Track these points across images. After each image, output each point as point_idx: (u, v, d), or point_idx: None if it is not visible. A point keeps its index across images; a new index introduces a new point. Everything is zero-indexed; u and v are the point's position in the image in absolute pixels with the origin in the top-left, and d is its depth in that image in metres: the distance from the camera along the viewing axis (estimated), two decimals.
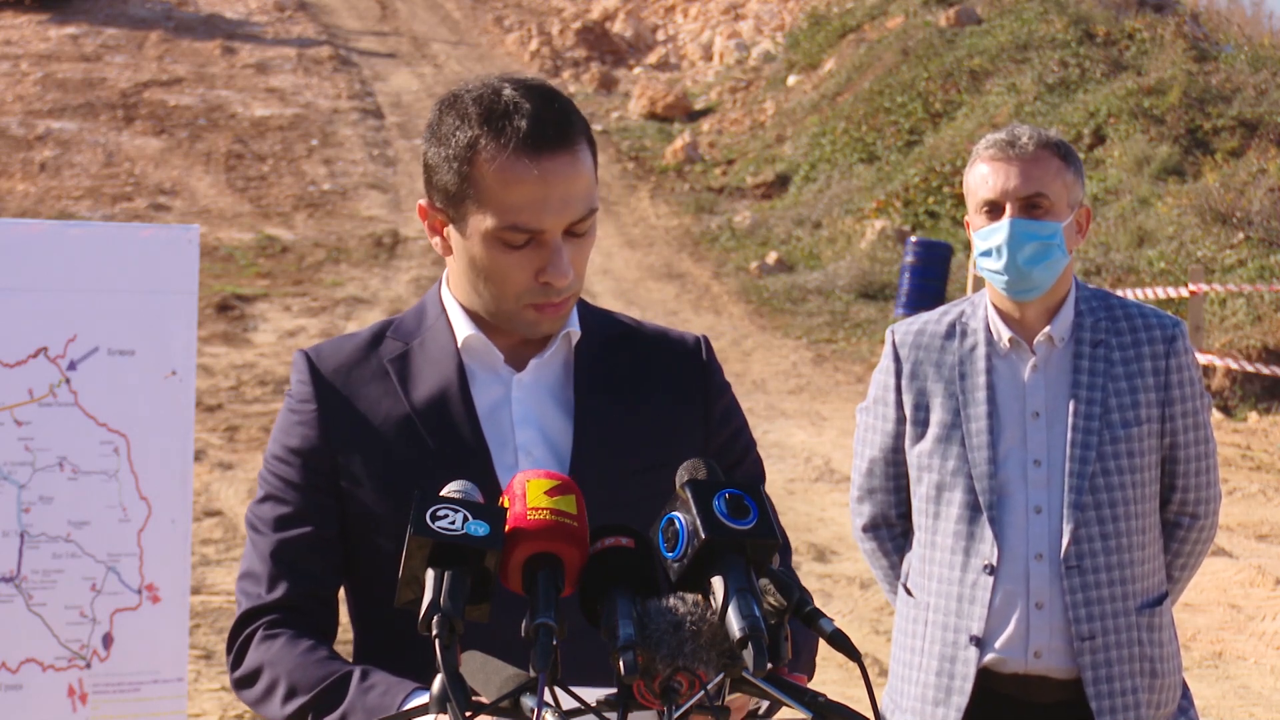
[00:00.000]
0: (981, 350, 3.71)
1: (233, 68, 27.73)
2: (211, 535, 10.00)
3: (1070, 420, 3.65)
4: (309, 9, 31.35)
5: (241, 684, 2.37)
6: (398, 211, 22.29)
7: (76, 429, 3.62)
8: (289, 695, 2.29)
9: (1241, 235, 17.98)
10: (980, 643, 3.66)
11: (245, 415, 13.42)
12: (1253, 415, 14.99)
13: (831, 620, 1.92)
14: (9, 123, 24.24)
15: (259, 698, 2.33)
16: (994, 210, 3.67)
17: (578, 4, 32.78)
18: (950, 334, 3.76)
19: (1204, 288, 15.40)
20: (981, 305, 3.76)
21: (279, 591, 2.37)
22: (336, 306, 18.01)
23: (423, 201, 2.44)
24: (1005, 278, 3.65)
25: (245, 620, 2.38)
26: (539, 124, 2.31)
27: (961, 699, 3.68)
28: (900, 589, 3.86)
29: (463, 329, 2.43)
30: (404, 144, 25.14)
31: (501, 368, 2.44)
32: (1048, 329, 3.69)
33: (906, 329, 3.81)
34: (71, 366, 3.62)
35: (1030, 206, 3.64)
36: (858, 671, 1.90)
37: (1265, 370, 14.28)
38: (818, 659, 2.41)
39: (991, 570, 3.65)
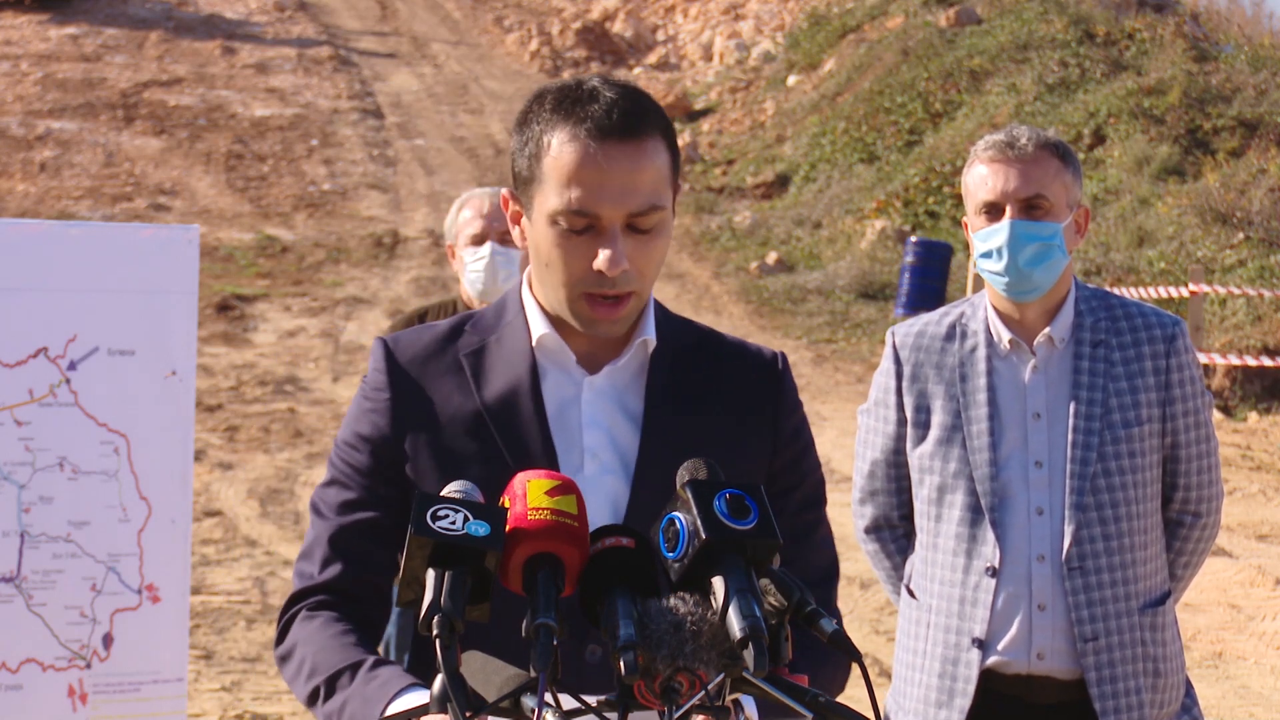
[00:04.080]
0: (982, 352, 3.71)
1: (233, 68, 27.72)
2: (211, 535, 10.00)
3: (1071, 421, 3.64)
4: (309, 9, 31.34)
5: (281, 660, 2.40)
6: (398, 211, 22.28)
7: (76, 429, 3.62)
8: (310, 675, 2.32)
9: (1241, 235, 17.97)
10: (983, 645, 3.66)
11: (245, 415, 13.42)
12: (1253, 415, 14.99)
13: (832, 620, 1.92)
14: (9, 123, 24.23)
15: (291, 675, 2.37)
16: (994, 212, 3.66)
17: (578, 4, 32.77)
18: (950, 336, 3.75)
19: (1204, 288, 15.39)
20: (981, 307, 3.76)
21: (330, 573, 2.39)
22: (336, 306, 18.00)
23: (505, 191, 2.45)
24: (1006, 279, 3.64)
25: (295, 599, 2.41)
26: (610, 111, 2.30)
27: (964, 701, 3.67)
28: (903, 591, 3.85)
29: (538, 327, 2.43)
30: (404, 144, 25.13)
31: (574, 368, 2.43)
32: (1048, 330, 3.68)
33: (907, 331, 3.80)
34: (71, 366, 3.62)
35: (1030, 208, 3.63)
36: (858, 671, 1.90)
37: (1270, 364, 14.26)
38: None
39: (994, 572, 3.65)
